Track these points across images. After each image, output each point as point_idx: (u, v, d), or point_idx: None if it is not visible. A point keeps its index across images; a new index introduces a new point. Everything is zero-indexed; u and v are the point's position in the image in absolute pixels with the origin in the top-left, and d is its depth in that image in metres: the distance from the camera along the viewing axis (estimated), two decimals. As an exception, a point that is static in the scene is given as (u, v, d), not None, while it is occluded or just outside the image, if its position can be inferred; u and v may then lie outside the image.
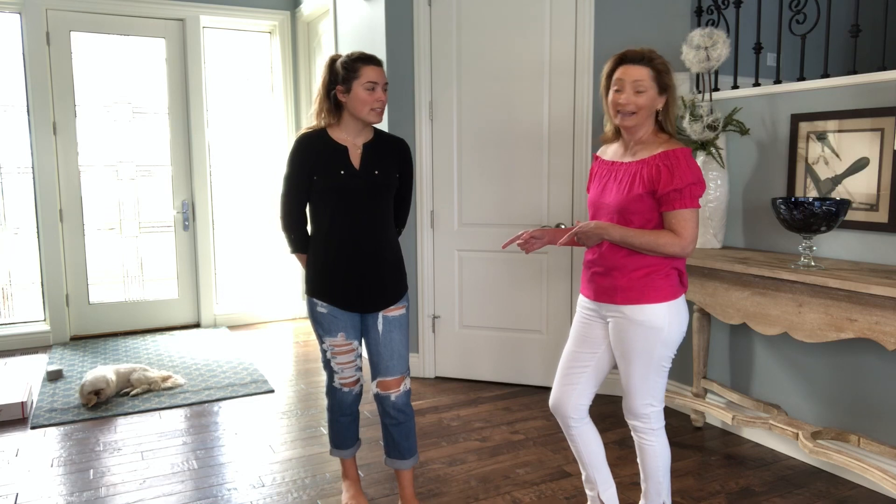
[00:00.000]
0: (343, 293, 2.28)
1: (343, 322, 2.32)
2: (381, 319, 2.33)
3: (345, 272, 2.27)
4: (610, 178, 2.10)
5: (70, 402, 3.67)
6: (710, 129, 2.91)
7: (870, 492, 2.64)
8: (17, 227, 4.85)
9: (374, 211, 2.28)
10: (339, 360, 2.36)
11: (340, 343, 2.33)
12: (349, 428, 2.52)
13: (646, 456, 2.14)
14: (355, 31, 4.26)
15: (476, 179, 3.83)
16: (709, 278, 2.81)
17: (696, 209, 1.97)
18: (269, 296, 5.64)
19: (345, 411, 2.47)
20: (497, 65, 3.70)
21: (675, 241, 1.96)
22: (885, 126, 2.53)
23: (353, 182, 2.24)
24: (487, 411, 3.52)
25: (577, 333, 2.22)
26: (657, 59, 2.03)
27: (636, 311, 2.02)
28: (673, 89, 2.05)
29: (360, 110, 2.21)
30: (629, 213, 2.01)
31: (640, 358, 2.04)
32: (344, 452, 2.55)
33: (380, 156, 2.30)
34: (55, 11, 4.74)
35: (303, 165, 2.25)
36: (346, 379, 2.39)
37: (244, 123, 5.44)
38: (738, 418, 2.79)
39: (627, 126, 2.07)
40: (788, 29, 2.99)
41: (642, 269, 2.01)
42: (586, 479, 2.31)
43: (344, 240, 2.25)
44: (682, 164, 1.96)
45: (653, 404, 2.09)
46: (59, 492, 2.70)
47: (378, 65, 2.23)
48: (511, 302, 3.85)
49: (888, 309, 2.17)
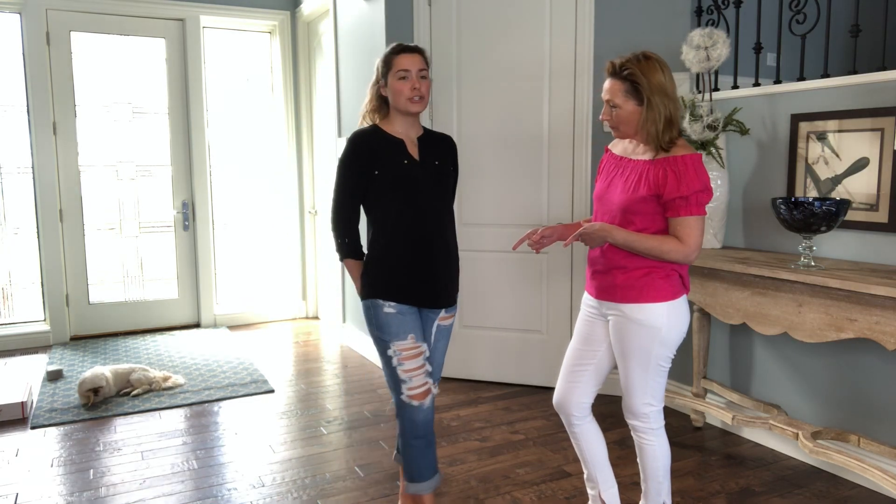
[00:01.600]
0: (417, 288, 2.16)
1: (412, 322, 2.17)
2: (436, 326, 2.26)
3: (417, 265, 2.16)
4: (617, 173, 2.08)
5: (70, 402, 3.67)
6: (710, 129, 2.91)
7: (870, 492, 2.64)
8: (17, 227, 4.85)
9: (439, 200, 2.21)
10: (406, 367, 2.14)
11: (410, 346, 2.15)
12: (425, 454, 2.19)
13: (645, 456, 2.14)
14: (355, 32, 4.26)
15: (476, 179, 3.83)
16: (709, 278, 2.81)
17: (702, 216, 1.95)
18: (269, 296, 5.64)
19: (418, 433, 2.17)
20: (497, 65, 3.70)
21: (679, 248, 1.94)
22: (885, 126, 2.53)
23: (417, 171, 2.17)
24: (487, 411, 3.52)
25: (580, 331, 2.22)
26: (631, 68, 1.94)
27: (635, 310, 2.02)
28: (653, 100, 1.93)
29: (398, 101, 2.15)
30: (632, 214, 2.00)
31: (639, 357, 2.04)
32: (422, 486, 2.20)
33: (435, 147, 2.26)
34: (55, 11, 4.74)
35: (361, 162, 2.15)
36: (416, 389, 2.14)
37: (244, 123, 5.44)
38: (738, 418, 2.79)
39: (619, 138, 2.08)
40: (788, 29, 2.99)
41: (643, 268, 2.01)
42: (588, 478, 2.32)
43: (413, 232, 2.15)
44: (690, 170, 1.92)
45: (652, 404, 2.09)
46: (59, 492, 2.70)
47: (413, 52, 2.15)
48: (511, 302, 3.85)
49: (888, 309, 2.17)
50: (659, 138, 1.96)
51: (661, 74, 1.95)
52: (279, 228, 5.60)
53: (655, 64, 1.95)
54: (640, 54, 1.97)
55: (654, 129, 1.95)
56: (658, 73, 1.94)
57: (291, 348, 4.78)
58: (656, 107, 1.94)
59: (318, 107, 5.26)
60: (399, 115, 2.20)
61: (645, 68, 1.94)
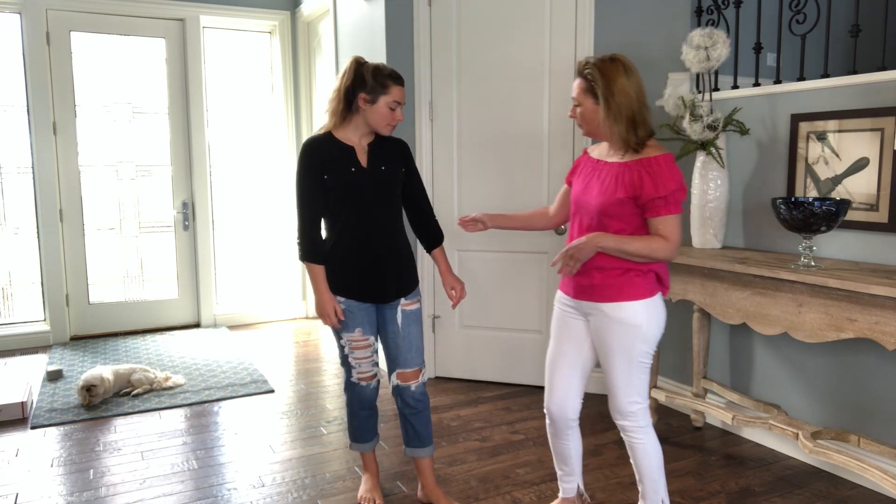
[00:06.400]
0: (361, 285, 2.35)
1: (360, 317, 2.39)
2: (401, 313, 2.41)
3: (362, 264, 2.34)
4: (594, 176, 2.13)
5: (70, 402, 3.67)
6: (710, 129, 2.91)
7: (870, 492, 2.64)
8: (17, 227, 4.85)
9: (385, 205, 2.36)
10: (356, 356, 2.44)
11: (358, 338, 2.41)
12: (368, 422, 2.58)
13: (637, 455, 2.15)
14: (355, 32, 4.26)
15: (476, 179, 3.83)
16: (709, 278, 2.81)
17: (680, 214, 2.02)
18: (269, 296, 5.64)
19: (364, 405, 2.54)
20: (497, 65, 3.71)
21: (665, 246, 2.00)
22: (885, 126, 2.53)
23: (364, 178, 2.31)
24: (487, 411, 3.52)
25: (559, 333, 2.25)
26: (590, 68, 2.02)
27: (615, 309, 2.06)
28: (610, 100, 1.98)
29: (377, 123, 2.31)
30: (608, 217, 2.05)
31: (621, 355, 2.08)
32: (364, 446, 2.62)
33: (384, 153, 2.38)
34: (55, 11, 4.74)
35: (313, 167, 2.30)
36: (364, 374, 2.47)
37: (244, 123, 5.44)
38: (738, 418, 2.79)
39: (585, 136, 2.16)
40: (788, 29, 2.99)
41: (619, 268, 2.05)
42: (568, 473, 2.38)
43: (358, 234, 2.32)
44: (664, 171, 1.98)
45: (638, 401, 2.12)
46: (59, 492, 2.70)
47: (403, 84, 2.32)
48: (511, 302, 3.85)
49: (888, 309, 2.17)
50: (624, 139, 2.01)
51: (625, 76, 2.00)
52: (279, 228, 5.60)
53: (619, 66, 2.01)
54: (608, 56, 2.04)
55: (615, 129, 2.01)
56: (620, 76, 1.99)
57: (291, 348, 4.78)
58: (614, 107, 1.99)
59: (318, 107, 5.26)
60: (363, 125, 2.33)
61: (606, 69, 2.00)
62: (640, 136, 2.01)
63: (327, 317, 2.36)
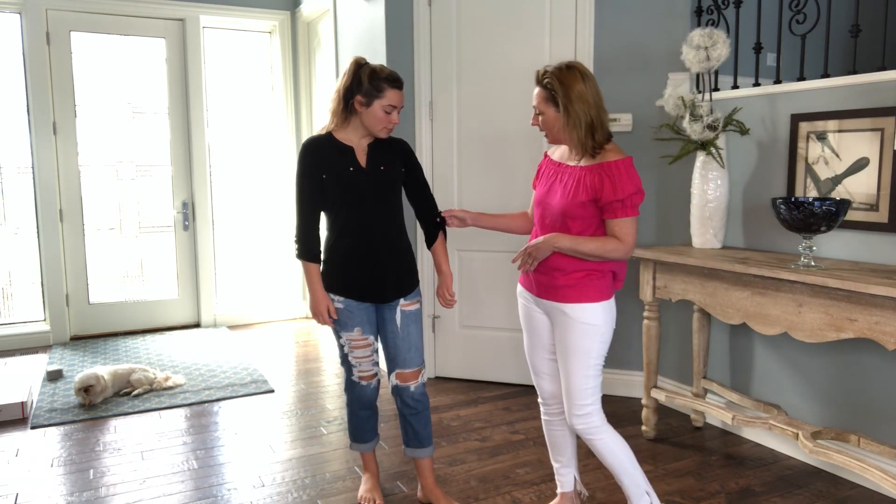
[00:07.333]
0: (360, 284, 2.35)
1: (359, 317, 2.39)
2: (400, 313, 2.41)
3: (360, 264, 2.34)
4: (556, 179, 2.18)
5: (70, 402, 3.67)
6: (710, 129, 2.91)
7: (870, 492, 2.64)
8: (17, 227, 4.85)
9: (384, 204, 2.36)
10: (356, 355, 2.44)
11: (357, 338, 2.41)
12: (369, 422, 2.58)
13: (604, 454, 2.17)
14: (355, 32, 4.26)
15: (476, 179, 3.83)
16: (709, 278, 2.81)
17: (636, 217, 2.07)
18: (269, 296, 5.64)
19: (364, 405, 2.54)
20: (497, 65, 3.70)
21: (619, 247, 2.06)
22: (885, 126, 2.53)
23: (362, 178, 2.31)
24: (487, 411, 3.52)
25: (527, 324, 2.32)
26: (549, 77, 2.07)
27: (577, 310, 2.10)
28: (570, 108, 2.03)
29: (372, 126, 2.30)
30: (570, 218, 2.10)
31: (582, 355, 2.12)
32: (364, 446, 2.61)
33: (384, 153, 2.38)
34: (55, 11, 4.74)
35: (312, 167, 2.30)
36: (365, 373, 2.46)
37: (244, 123, 5.44)
38: (738, 418, 2.79)
39: (552, 143, 2.21)
40: (788, 29, 2.99)
41: (582, 270, 2.10)
42: (564, 465, 2.41)
43: (357, 234, 2.32)
44: (623, 175, 2.03)
45: (594, 403, 2.16)
46: (59, 492, 2.70)
47: (401, 88, 2.30)
48: (511, 302, 3.85)
49: (888, 309, 2.17)
50: (583, 143, 2.07)
51: (582, 83, 2.06)
52: (279, 228, 5.60)
53: (576, 73, 2.07)
54: (564, 64, 2.10)
55: (575, 134, 2.07)
56: (578, 83, 2.05)
57: (291, 348, 4.78)
58: (574, 114, 2.05)
59: (318, 107, 5.26)
60: (361, 127, 2.34)
61: (563, 77, 2.06)
62: (598, 139, 2.07)
63: (320, 315, 2.36)
